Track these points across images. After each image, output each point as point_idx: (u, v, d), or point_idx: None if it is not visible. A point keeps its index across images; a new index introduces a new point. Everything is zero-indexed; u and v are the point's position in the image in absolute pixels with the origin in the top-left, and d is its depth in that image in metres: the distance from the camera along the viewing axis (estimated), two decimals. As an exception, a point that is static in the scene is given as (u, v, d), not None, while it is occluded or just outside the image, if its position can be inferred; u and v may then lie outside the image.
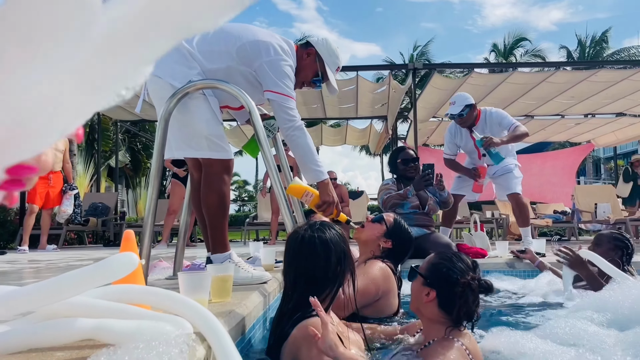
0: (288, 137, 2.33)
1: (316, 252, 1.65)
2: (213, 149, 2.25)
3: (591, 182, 32.16)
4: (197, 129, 2.24)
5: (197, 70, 2.28)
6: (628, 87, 8.78)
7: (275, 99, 2.30)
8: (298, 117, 2.33)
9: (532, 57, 29.56)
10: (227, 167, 2.29)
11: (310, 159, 2.35)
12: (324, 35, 2.61)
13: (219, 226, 2.29)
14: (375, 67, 11.82)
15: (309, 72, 2.53)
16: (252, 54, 2.31)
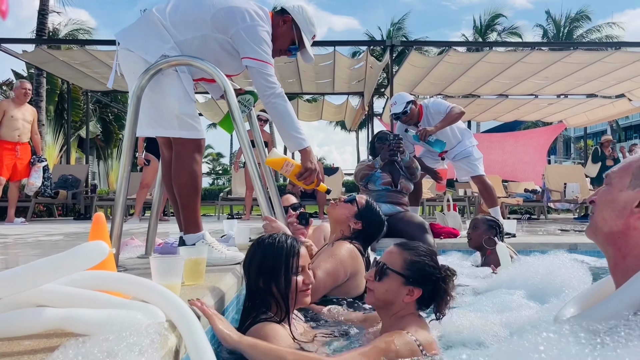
0: (268, 104, 2.26)
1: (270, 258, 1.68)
2: (184, 128, 2.19)
3: (561, 160, 32.91)
4: (169, 107, 2.18)
5: (171, 43, 2.20)
6: (600, 69, 8.91)
7: (253, 65, 2.23)
8: (278, 84, 2.27)
9: (509, 34, 29.75)
10: (198, 146, 2.25)
11: (292, 126, 2.28)
12: (300, 4, 2.53)
13: (191, 206, 2.25)
14: (352, 42, 11.70)
15: (285, 40, 2.47)
16: (228, 21, 2.24)
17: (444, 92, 10.97)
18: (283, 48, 2.50)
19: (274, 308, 1.66)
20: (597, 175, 10.10)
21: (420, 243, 1.78)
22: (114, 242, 2.20)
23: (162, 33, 2.20)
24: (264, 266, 1.68)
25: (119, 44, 2.27)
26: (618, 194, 1.09)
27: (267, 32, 2.29)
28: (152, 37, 2.21)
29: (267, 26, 2.31)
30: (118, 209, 2.25)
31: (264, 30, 2.27)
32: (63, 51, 9.56)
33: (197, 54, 2.23)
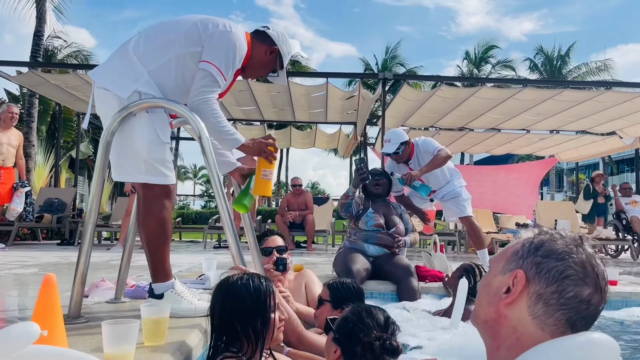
0: (195, 108, 2.10)
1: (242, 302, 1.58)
2: (151, 173, 2.09)
3: (554, 193, 33.00)
4: (136, 150, 2.08)
5: (144, 78, 2.11)
6: (591, 108, 8.96)
7: (205, 67, 2.11)
8: (214, 96, 2.13)
9: (503, 67, 30.13)
10: (167, 192, 2.15)
11: (221, 130, 2.16)
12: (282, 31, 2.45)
13: (159, 254, 2.15)
14: (345, 74, 11.75)
15: (269, 69, 2.42)
16: (201, 28, 2.16)
17: (436, 125, 10.99)
18: (264, 74, 2.45)
19: (245, 346, 1.58)
20: (589, 212, 10.08)
21: (367, 305, 1.67)
22: (76, 286, 2.10)
23: (135, 67, 2.12)
24: (240, 308, 1.59)
25: (94, 82, 2.21)
26: (492, 279, 1.03)
27: (239, 44, 2.20)
28: (125, 72, 2.13)
29: (242, 40, 2.23)
30: (83, 252, 2.15)
31: (236, 42, 2.18)
32: (55, 75, 9.53)
33: (175, 77, 2.16)
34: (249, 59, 2.34)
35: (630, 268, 6.56)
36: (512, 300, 0.96)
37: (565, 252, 0.95)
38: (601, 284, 0.94)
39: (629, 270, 6.13)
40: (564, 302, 0.92)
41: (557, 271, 0.93)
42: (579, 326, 0.93)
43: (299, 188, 8.56)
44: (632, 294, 3.76)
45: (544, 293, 0.93)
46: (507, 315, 0.96)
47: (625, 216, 8.78)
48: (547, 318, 0.93)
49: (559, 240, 0.97)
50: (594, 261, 0.95)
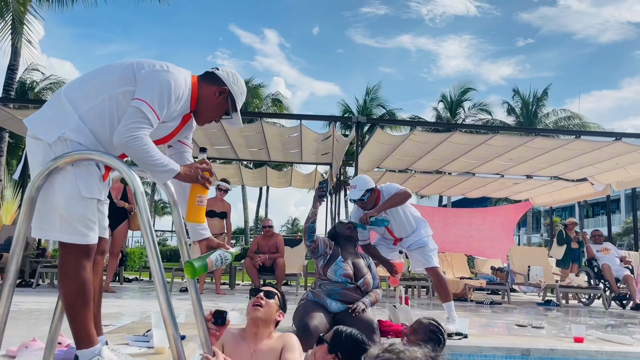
0: (124, 144, 1.96)
1: None
2: (66, 231, 1.95)
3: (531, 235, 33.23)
4: (53, 205, 1.94)
5: (74, 123, 1.99)
6: (562, 155, 9.08)
7: (137, 105, 1.97)
8: (144, 133, 1.98)
9: (479, 110, 30.70)
10: (85, 251, 1.99)
11: (154, 163, 2.01)
12: (232, 70, 2.35)
13: (80, 318, 1.98)
14: (319, 117, 11.80)
15: (220, 111, 2.29)
16: (136, 69, 2.06)
17: (411, 168, 11.02)
18: (216, 117, 2.32)
19: None
20: (563, 257, 10.08)
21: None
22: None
23: (65, 111, 2.00)
24: None
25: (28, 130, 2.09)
26: None
27: (174, 83, 2.06)
28: (54, 117, 2.01)
29: (180, 79, 2.10)
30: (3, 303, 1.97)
31: (171, 80, 2.05)
32: (23, 111, 9.36)
33: (109, 120, 2.03)
34: (196, 102, 2.23)
35: (601, 318, 6.49)
36: None
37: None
38: None
39: (599, 321, 6.06)
40: None
41: None
42: None
43: (270, 229, 8.39)
44: (598, 352, 3.66)
45: None
46: None
47: (596, 264, 8.77)
48: None
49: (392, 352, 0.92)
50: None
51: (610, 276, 8.36)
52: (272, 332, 2.73)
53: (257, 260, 7.96)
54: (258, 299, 2.68)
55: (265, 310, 2.65)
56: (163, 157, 2.06)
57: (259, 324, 2.66)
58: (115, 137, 1.98)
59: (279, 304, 2.76)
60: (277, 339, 2.72)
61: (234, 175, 12.92)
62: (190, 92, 2.17)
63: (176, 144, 2.35)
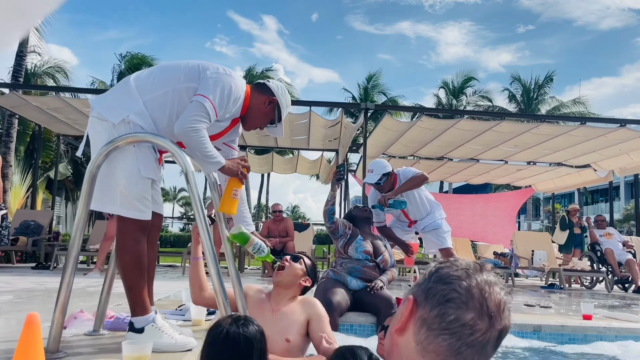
0: (183, 134, 2.15)
1: (240, 350, 1.57)
2: (125, 206, 2.13)
3: (531, 222, 33.46)
4: (115, 182, 2.13)
5: (138, 107, 2.17)
6: (566, 141, 9.22)
7: (200, 100, 2.16)
8: (203, 127, 2.17)
9: (480, 98, 30.75)
10: (142, 226, 2.17)
11: (205, 154, 2.21)
12: (281, 84, 2.55)
13: (137, 287, 2.16)
14: (328, 103, 11.92)
15: (267, 119, 2.51)
16: (201, 69, 2.26)
17: (416, 154, 11.15)
18: (262, 125, 2.53)
19: None
20: (566, 242, 10.27)
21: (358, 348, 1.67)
22: (56, 320, 2.08)
23: (131, 95, 2.19)
24: (237, 355, 1.59)
25: (91, 109, 2.25)
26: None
27: (234, 86, 2.28)
28: (120, 99, 2.20)
29: (239, 84, 2.32)
30: (64, 286, 2.14)
31: (232, 84, 2.26)
32: (36, 97, 9.47)
33: (169, 112, 2.21)
34: (247, 108, 2.43)
35: (604, 300, 6.68)
36: (400, 326, 0.91)
37: (453, 277, 0.90)
38: (490, 310, 0.87)
39: (604, 302, 6.25)
40: (445, 327, 0.86)
41: (441, 295, 0.88)
42: (465, 354, 0.86)
43: (280, 214, 8.56)
44: (606, 328, 3.84)
45: (428, 317, 0.88)
46: (398, 343, 0.92)
47: (599, 248, 8.96)
48: (428, 344, 0.87)
49: (454, 266, 0.92)
50: (486, 287, 0.88)
51: (613, 260, 8.55)
52: (296, 296, 2.77)
53: (267, 244, 8.14)
54: (283, 261, 2.77)
55: (287, 272, 2.71)
56: (214, 150, 2.26)
57: (281, 286, 2.73)
58: (176, 125, 2.16)
59: (305, 269, 2.79)
60: (300, 303, 2.77)
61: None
62: (243, 98, 2.37)
63: (223, 147, 2.56)
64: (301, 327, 2.65)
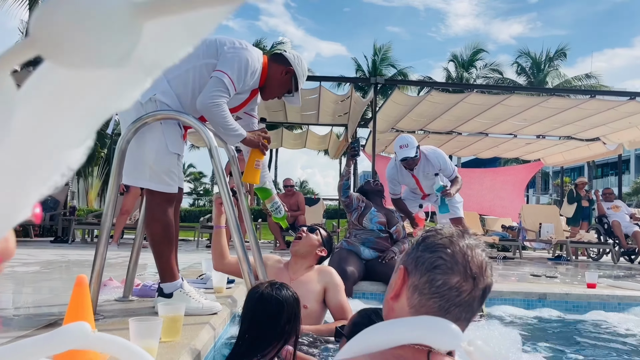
0: (205, 110, 2.27)
1: (271, 310, 1.72)
2: (154, 180, 2.26)
3: (539, 196, 33.45)
4: (144, 157, 2.26)
5: (162, 86, 2.28)
6: (576, 115, 9.23)
7: (219, 76, 2.27)
8: (224, 101, 2.29)
9: (490, 71, 30.50)
10: (169, 198, 2.31)
11: (227, 128, 2.33)
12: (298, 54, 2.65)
13: (165, 255, 2.31)
14: (338, 78, 11.93)
15: (284, 88, 2.60)
16: (219, 44, 2.35)
17: (425, 128, 11.20)
18: (280, 95, 2.63)
19: (275, 347, 1.75)
20: (573, 215, 10.37)
21: (374, 309, 1.81)
22: (93, 285, 2.24)
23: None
24: (274, 316, 1.76)
25: None
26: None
27: (251, 60, 2.37)
28: None
29: (255, 57, 2.40)
30: (99, 254, 2.29)
31: (248, 57, 2.35)
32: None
33: (192, 88, 2.32)
34: (265, 79, 2.53)
35: (610, 271, 6.81)
36: (394, 294, 1.03)
37: (439, 245, 1.00)
38: (473, 272, 0.98)
39: (609, 273, 6.38)
40: (435, 291, 0.98)
41: (429, 263, 1.00)
42: (453, 312, 0.98)
43: (291, 189, 8.71)
44: (609, 296, 3.97)
45: (419, 284, 1.00)
46: (394, 308, 1.04)
47: (607, 220, 9.05)
48: (421, 307, 0.99)
49: (439, 235, 1.03)
50: (469, 252, 1.00)
51: (619, 232, 8.65)
52: (312, 265, 2.93)
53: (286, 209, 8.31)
54: (300, 232, 2.94)
55: (303, 242, 2.88)
56: (236, 123, 2.39)
57: (298, 255, 2.90)
58: (198, 101, 2.28)
59: (321, 240, 2.94)
60: (316, 272, 2.92)
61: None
62: (261, 70, 2.46)
63: (244, 116, 2.70)
64: (318, 294, 2.81)
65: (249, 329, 1.75)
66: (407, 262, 1.05)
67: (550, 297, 3.96)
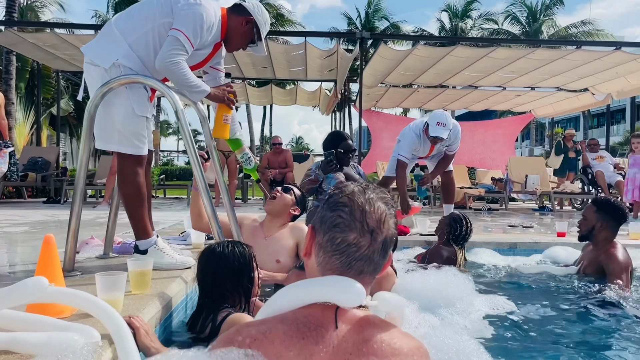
0: (164, 69, 2.31)
1: (223, 266, 1.89)
2: (123, 143, 2.34)
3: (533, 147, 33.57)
4: (112, 122, 2.33)
5: (124, 50, 2.32)
6: (563, 66, 9.21)
7: (175, 34, 2.30)
8: (182, 59, 2.32)
9: (485, 20, 29.99)
10: (139, 161, 2.40)
11: (189, 85, 2.38)
12: (257, 3, 2.67)
13: (138, 215, 2.42)
14: (323, 34, 11.77)
15: (246, 39, 2.62)
16: (173, 2, 2.36)
17: (414, 82, 11.19)
18: (244, 45, 2.65)
19: (236, 302, 1.90)
20: (560, 167, 10.51)
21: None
22: (69, 243, 2.36)
23: (116, 39, 2.34)
24: (231, 271, 1.91)
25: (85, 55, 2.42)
26: None
27: (206, 15, 2.37)
28: (108, 45, 2.36)
29: (210, 12, 2.41)
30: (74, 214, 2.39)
31: (203, 13, 2.36)
32: (32, 33, 9.46)
33: (153, 49, 2.36)
34: (226, 31, 2.56)
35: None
36: (306, 251, 1.11)
37: (340, 203, 1.06)
38: (369, 227, 1.03)
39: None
40: (336, 248, 1.04)
41: (330, 222, 1.05)
42: (356, 266, 1.04)
43: (279, 147, 8.77)
44: (577, 244, 4.12)
45: (322, 242, 1.06)
46: (308, 265, 1.12)
47: (591, 171, 9.19)
48: (326, 264, 1.06)
49: (341, 193, 1.08)
50: (367, 207, 1.05)
51: (602, 182, 8.79)
52: (286, 223, 3.07)
53: (267, 175, 8.42)
54: (274, 192, 3.06)
55: (277, 202, 3.01)
56: (197, 79, 2.43)
57: (273, 214, 3.04)
58: (157, 61, 2.33)
59: (294, 199, 3.08)
60: (289, 229, 3.06)
61: (239, 94, 13.11)
62: (220, 23, 2.50)
63: (210, 71, 2.74)
64: (291, 250, 2.97)
65: (211, 288, 1.89)
66: (314, 221, 1.10)
67: (521, 246, 4.12)
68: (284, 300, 1.07)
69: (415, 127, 4.85)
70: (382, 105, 14.10)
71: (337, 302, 1.02)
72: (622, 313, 2.54)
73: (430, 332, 1.90)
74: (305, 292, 1.05)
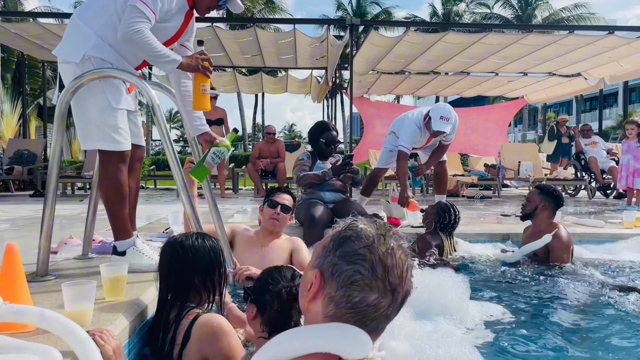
0: (127, 39, 2.16)
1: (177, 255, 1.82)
2: (102, 139, 2.23)
3: (526, 132, 33.56)
4: (88, 118, 2.23)
5: (92, 41, 2.21)
6: (555, 51, 9.12)
7: (133, 3, 2.16)
8: (144, 27, 2.16)
9: (478, 5, 29.80)
10: (121, 157, 2.29)
11: (156, 54, 2.23)
12: None
13: (118, 214, 2.32)
14: (312, 20, 11.58)
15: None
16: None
17: (406, 69, 11.06)
18: (214, 4, 2.48)
19: (202, 299, 1.82)
20: (553, 152, 10.45)
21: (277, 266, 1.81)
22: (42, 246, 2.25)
23: (82, 31, 2.23)
24: (202, 263, 1.81)
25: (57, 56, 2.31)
26: (307, 270, 1.03)
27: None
28: (75, 39, 2.25)
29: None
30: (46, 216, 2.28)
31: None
32: (15, 24, 9.24)
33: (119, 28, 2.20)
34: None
35: (583, 207, 6.96)
36: (311, 297, 0.98)
37: (358, 256, 0.94)
38: (392, 285, 0.93)
39: (580, 210, 6.52)
40: (351, 307, 0.93)
41: (346, 276, 0.93)
42: (370, 325, 0.94)
43: (272, 136, 8.65)
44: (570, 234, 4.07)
45: (335, 296, 0.94)
46: (309, 309, 0.99)
47: (584, 157, 9.14)
48: (337, 319, 0.94)
49: (358, 241, 0.95)
50: (389, 260, 0.94)
51: (596, 168, 8.75)
52: (281, 233, 3.11)
53: (259, 165, 8.31)
54: (274, 214, 2.99)
55: (281, 225, 3.04)
56: (166, 49, 2.26)
57: (273, 232, 3.04)
58: (119, 34, 2.17)
59: (292, 215, 3.16)
60: (285, 240, 3.10)
61: (229, 82, 12.94)
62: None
63: (180, 49, 2.55)
64: (286, 260, 2.98)
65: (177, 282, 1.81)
66: (323, 267, 0.97)
67: (514, 237, 4.05)
68: (285, 346, 0.96)
69: (416, 118, 4.73)
70: (376, 92, 13.96)
71: (340, 352, 0.92)
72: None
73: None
74: (308, 339, 0.95)
